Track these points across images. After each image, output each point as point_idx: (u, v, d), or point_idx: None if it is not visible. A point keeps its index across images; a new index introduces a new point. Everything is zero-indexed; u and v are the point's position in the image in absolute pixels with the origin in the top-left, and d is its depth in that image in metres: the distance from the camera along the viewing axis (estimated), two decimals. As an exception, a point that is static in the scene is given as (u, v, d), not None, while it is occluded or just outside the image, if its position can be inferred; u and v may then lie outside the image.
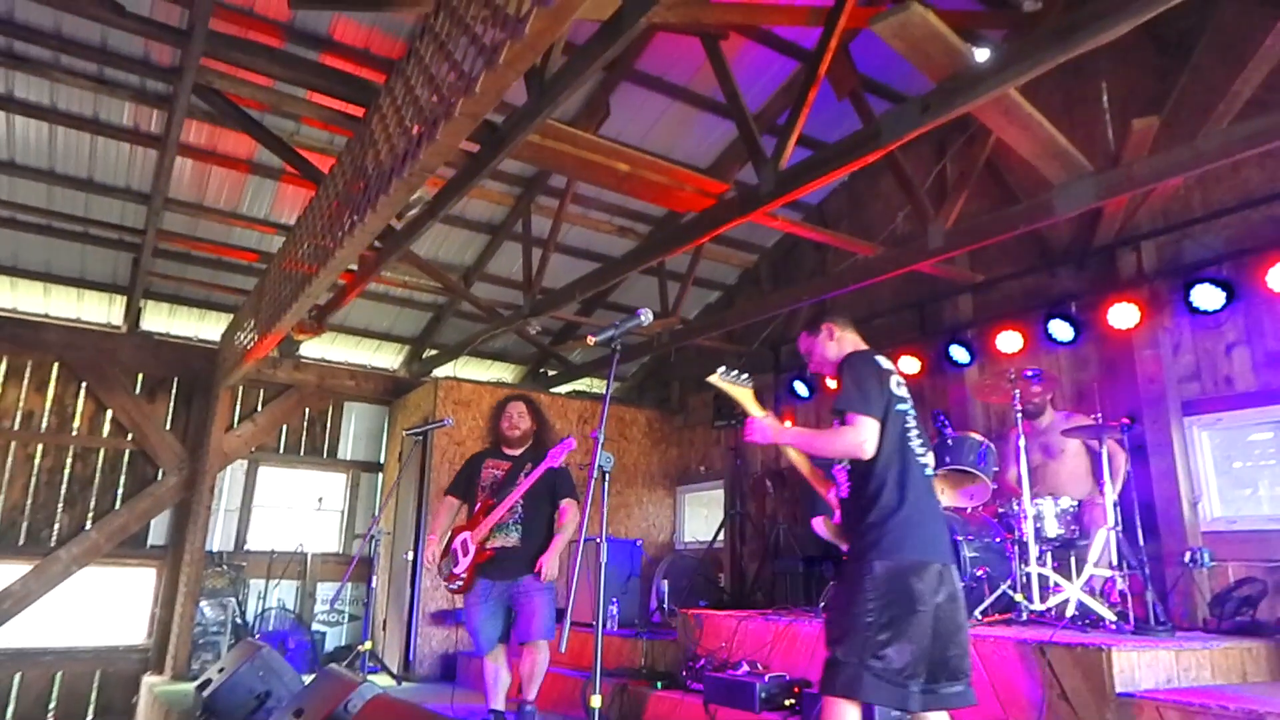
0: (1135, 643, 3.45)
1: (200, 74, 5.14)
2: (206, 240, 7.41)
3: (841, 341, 3.10)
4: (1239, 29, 4.49)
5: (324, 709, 3.50)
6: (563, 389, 9.40)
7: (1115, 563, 4.31)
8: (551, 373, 9.63)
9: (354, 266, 6.14)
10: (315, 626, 8.21)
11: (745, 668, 4.36)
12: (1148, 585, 4.13)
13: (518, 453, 4.58)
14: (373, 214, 4.16)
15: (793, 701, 4.03)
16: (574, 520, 4.37)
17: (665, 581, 7.11)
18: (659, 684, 4.81)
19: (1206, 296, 4.86)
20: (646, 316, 2.99)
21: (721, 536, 7.85)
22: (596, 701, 2.72)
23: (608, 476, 2.96)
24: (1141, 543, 4.33)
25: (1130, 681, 3.21)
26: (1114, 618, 4.07)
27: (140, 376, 8.18)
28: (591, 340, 3.07)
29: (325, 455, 9.02)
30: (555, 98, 3.94)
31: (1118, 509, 4.41)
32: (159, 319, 8.35)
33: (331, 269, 5.01)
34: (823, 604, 5.26)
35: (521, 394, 4.85)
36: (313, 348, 8.72)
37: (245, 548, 8.32)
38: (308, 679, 4.51)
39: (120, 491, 7.92)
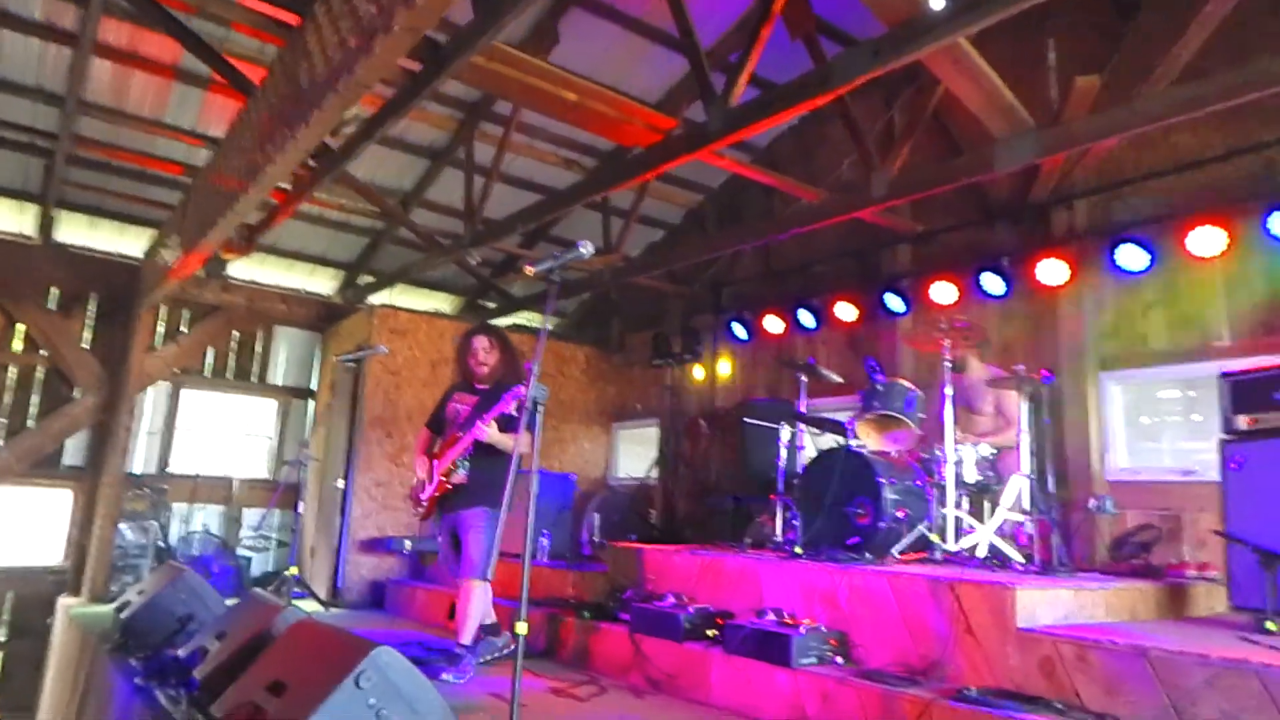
0: (1038, 582, 3.64)
1: (118, -33, 4.80)
2: (127, 149, 7.01)
3: None
4: (1185, -7, 4.54)
5: (247, 632, 3.47)
6: (502, 321, 9.28)
7: (1026, 508, 4.52)
8: (491, 305, 9.51)
9: (286, 185, 5.90)
10: (241, 552, 8.12)
11: (671, 599, 4.47)
12: (1054, 529, 4.35)
13: (487, 387, 4.53)
14: (305, 129, 3.98)
15: (714, 632, 4.15)
16: (523, 441, 4.28)
17: (597, 515, 7.21)
18: (586, 614, 4.90)
19: (1130, 257, 5.03)
20: (587, 249, 2.96)
21: (655, 473, 7.97)
22: (523, 629, 2.76)
23: (541, 408, 2.96)
24: (1052, 489, 4.55)
25: (1031, 618, 3.39)
26: (1021, 559, 4.28)
27: (55, 291, 7.79)
28: (530, 270, 3.04)
29: (254, 380, 8.80)
30: (501, 18, 3.80)
31: (1033, 457, 4.61)
32: (77, 231, 7.91)
33: (262, 186, 4.81)
34: (748, 540, 5.42)
35: (484, 325, 4.77)
36: (242, 269, 8.41)
37: (168, 471, 8.12)
38: (231, 603, 4.46)
39: (34, 410, 7.60)
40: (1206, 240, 4.71)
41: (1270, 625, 3.28)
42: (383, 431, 7.60)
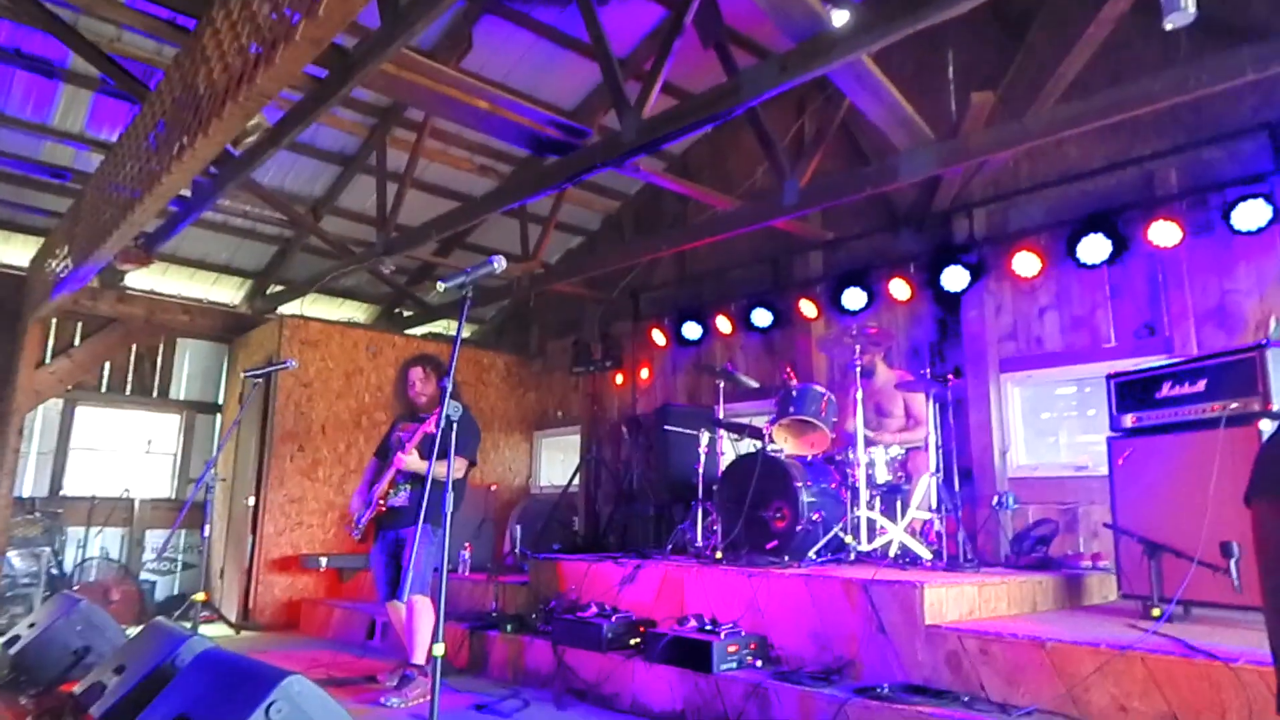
0: (945, 579, 3.79)
1: (-5, -37, 4.52)
2: (10, 154, 6.61)
3: None
4: (1071, 12, 4.80)
5: (149, 664, 3.32)
6: (418, 331, 9.13)
7: (934, 506, 4.69)
8: (407, 314, 9.33)
9: (187, 192, 5.66)
10: (144, 576, 7.74)
11: (594, 609, 4.47)
12: (960, 526, 4.53)
13: (427, 415, 4.57)
14: (204, 139, 3.83)
15: (637, 640, 4.18)
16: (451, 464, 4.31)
17: (519, 525, 7.15)
18: (509, 627, 4.85)
19: (1025, 263, 5.30)
20: (499, 264, 2.94)
21: (577, 481, 7.95)
22: (439, 649, 2.71)
23: (455, 425, 2.93)
24: (957, 488, 4.73)
25: (939, 614, 3.52)
26: (930, 556, 4.44)
27: (-70, 304, 7.28)
28: (441, 286, 2.99)
29: (155, 395, 8.40)
30: (411, 25, 3.73)
31: (940, 455, 4.79)
32: (-47, 240, 7.43)
33: (159, 195, 4.60)
34: (670, 546, 5.46)
35: (419, 357, 4.83)
36: (141, 278, 8.00)
37: (62, 493, 7.68)
38: (133, 632, 4.25)
39: (-92, 432, 7.08)
40: (1093, 247, 4.98)
41: (1155, 612, 3.49)
42: (295, 445, 7.36)
